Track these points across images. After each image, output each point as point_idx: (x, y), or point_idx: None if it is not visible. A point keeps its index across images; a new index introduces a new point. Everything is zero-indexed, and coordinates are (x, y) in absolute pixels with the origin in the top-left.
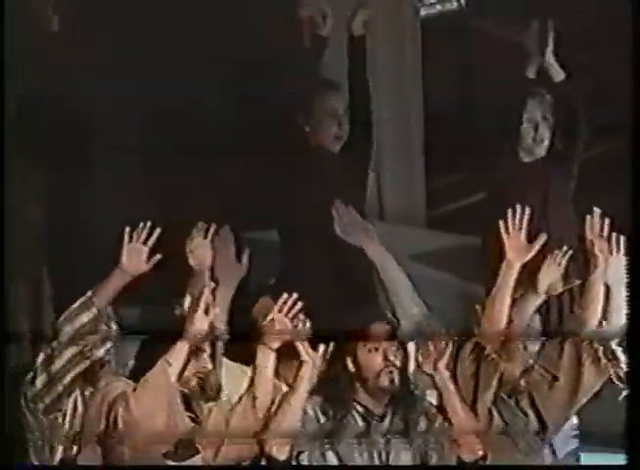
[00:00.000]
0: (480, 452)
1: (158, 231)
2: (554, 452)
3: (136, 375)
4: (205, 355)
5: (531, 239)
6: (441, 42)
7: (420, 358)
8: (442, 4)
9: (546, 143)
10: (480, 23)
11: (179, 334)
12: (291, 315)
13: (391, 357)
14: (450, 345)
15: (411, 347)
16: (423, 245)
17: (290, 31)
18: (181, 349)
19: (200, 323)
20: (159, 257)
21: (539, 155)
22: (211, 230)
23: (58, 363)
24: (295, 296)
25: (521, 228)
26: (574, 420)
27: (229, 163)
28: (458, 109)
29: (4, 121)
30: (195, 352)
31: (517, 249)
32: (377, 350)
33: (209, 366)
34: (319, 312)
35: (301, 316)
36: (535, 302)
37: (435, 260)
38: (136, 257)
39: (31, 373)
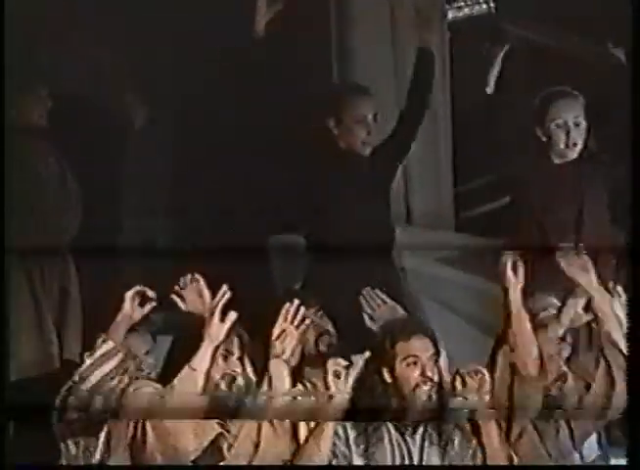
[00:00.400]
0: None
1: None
2: (582, 457)
3: (165, 377)
4: (234, 358)
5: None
6: (470, 45)
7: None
8: (471, 7)
9: (579, 147)
10: (509, 26)
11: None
12: (296, 323)
13: (429, 373)
14: (487, 374)
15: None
16: (451, 248)
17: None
18: (204, 354)
19: (217, 330)
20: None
21: (572, 158)
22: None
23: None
24: (297, 302)
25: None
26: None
27: (257, 165)
28: (486, 111)
29: (4, 121)
30: (224, 355)
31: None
32: (415, 364)
33: (239, 369)
34: (348, 319)
35: (307, 321)
36: (560, 330)
37: (464, 263)
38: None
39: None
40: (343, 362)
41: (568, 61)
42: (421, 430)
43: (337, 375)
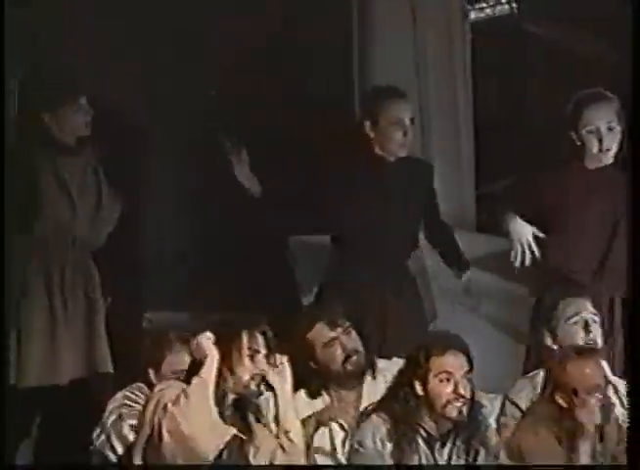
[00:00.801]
0: None
1: None
2: None
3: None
4: (261, 357)
5: None
6: (492, 46)
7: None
8: (493, 8)
9: (613, 151)
10: (532, 27)
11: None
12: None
13: (462, 390)
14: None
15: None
16: (473, 249)
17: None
18: (210, 365)
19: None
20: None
21: (606, 163)
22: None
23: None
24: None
25: None
26: None
27: (287, 165)
28: (509, 113)
29: (4, 124)
30: (251, 355)
31: None
32: (448, 380)
33: (267, 367)
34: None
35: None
36: None
37: (486, 264)
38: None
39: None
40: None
41: (593, 62)
42: (449, 444)
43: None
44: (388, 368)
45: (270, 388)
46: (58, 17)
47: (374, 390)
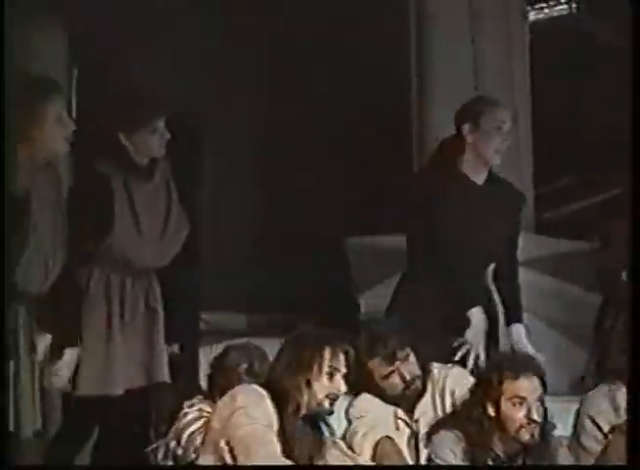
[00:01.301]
0: None
1: None
2: None
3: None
4: (340, 376)
5: None
6: (551, 46)
7: None
8: (552, 8)
9: None
10: (591, 26)
11: None
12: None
13: (535, 415)
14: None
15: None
16: (532, 251)
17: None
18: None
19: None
20: None
21: None
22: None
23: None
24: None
25: None
26: None
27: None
28: (568, 113)
29: (4, 123)
30: (330, 373)
31: None
32: (521, 404)
33: (343, 388)
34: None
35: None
36: None
37: (545, 266)
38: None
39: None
40: None
41: None
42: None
43: None
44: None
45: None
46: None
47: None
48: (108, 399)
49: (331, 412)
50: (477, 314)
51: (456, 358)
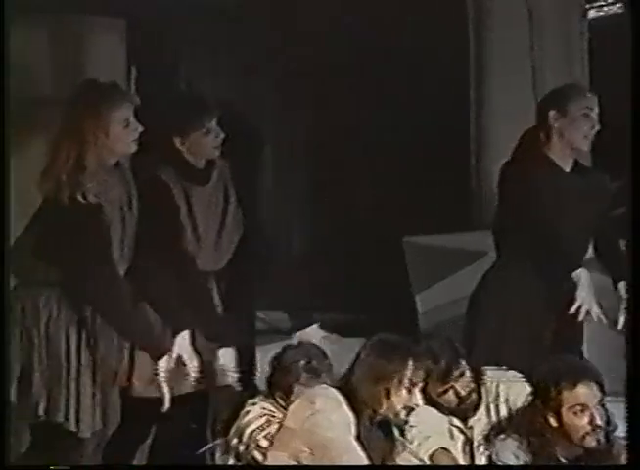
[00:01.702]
0: None
1: None
2: None
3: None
4: (417, 390)
5: None
6: (610, 45)
7: None
8: (610, 6)
9: None
10: None
11: None
12: None
13: (598, 421)
14: None
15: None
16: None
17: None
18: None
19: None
20: None
21: None
22: None
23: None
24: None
25: None
26: None
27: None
28: (626, 112)
29: (4, 123)
30: (409, 388)
31: None
32: (583, 412)
33: (420, 402)
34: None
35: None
36: None
37: (598, 265)
38: None
39: None
40: None
41: None
42: None
43: None
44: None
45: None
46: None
47: None
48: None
49: (406, 422)
50: (583, 273)
51: (571, 311)
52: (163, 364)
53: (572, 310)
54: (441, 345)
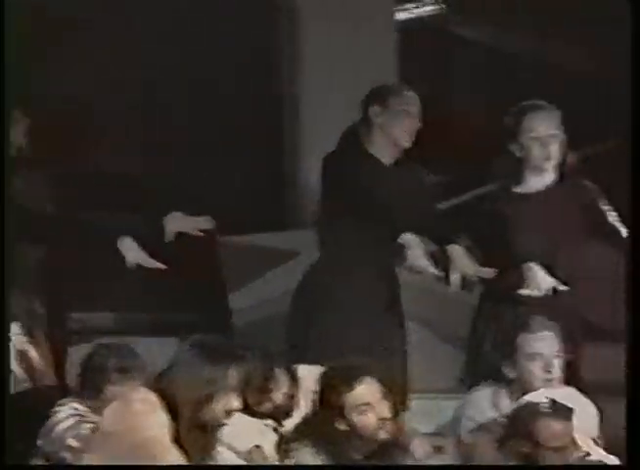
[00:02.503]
0: None
1: None
2: None
3: None
4: (236, 395)
5: None
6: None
7: None
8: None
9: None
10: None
11: None
12: None
13: (386, 414)
14: None
15: None
16: None
17: None
18: None
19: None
20: None
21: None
22: None
23: None
24: None
25: None
26: None
27: None
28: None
29: (4, 123)
30: (229, 393)
31: None
32: (368, 410)
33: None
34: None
35: None
36: None
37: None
38: None
39: None
40: None
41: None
42: None
43: None
44: None
45: None
46: None
47: None
48: None
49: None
50: (410, 237)
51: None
52: None
53: (405, 267)
54: (258, 353)
